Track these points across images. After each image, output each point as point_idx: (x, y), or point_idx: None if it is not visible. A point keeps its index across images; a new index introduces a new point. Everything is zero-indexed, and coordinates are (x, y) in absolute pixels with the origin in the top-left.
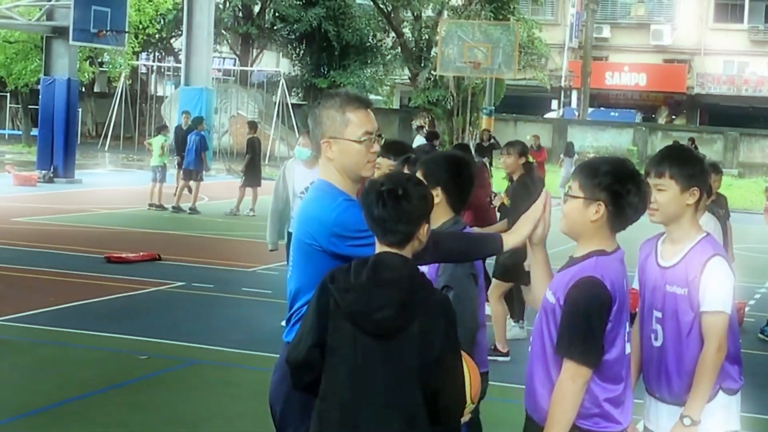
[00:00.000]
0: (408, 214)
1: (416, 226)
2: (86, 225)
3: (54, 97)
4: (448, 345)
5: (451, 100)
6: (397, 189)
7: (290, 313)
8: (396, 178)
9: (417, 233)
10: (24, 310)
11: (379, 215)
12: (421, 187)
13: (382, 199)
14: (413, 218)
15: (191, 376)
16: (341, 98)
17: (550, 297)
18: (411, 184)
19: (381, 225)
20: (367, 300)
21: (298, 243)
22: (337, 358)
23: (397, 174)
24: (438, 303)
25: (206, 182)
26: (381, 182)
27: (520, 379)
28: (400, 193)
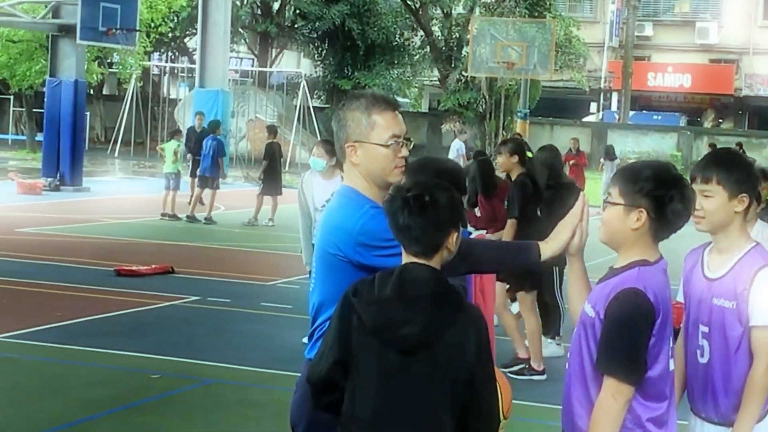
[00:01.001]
0: (435, 222)
1: (444, 234)
2: (95, 236)
3: (60, 100)
4: (480, 361)
5: (483, 103)
6: (423, 195)
7: (313, 328)
8: (422, 184)
9: (445, 242)
10: (28, 327)
11: (405, 223)
12: (449, 192)
13: (408, 207)
14: (441, 226)
15: (207, 396)
16: (367, 99)
17: (589, 310)
18: (438, 189)
19: (407, 234)
20: (392, 314)
21: (322, 254)
22: (360, 376)
23: (423, 179)
24: (469, 317)
25: (222, 190)
26: (407, 188)
27: (557, 398)
28: (426, 199)
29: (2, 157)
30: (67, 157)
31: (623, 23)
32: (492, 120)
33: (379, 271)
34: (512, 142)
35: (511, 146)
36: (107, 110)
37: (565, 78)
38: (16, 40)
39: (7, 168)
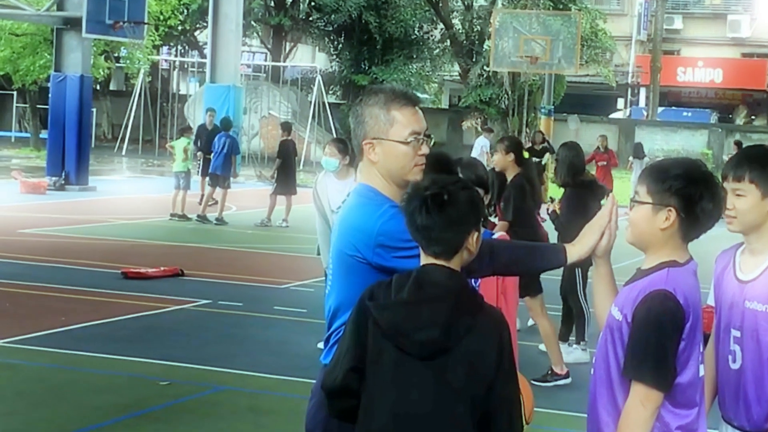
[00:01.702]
0: (455, 221)
1: (464, 234)
2: (101, 237)
3: (65, 96)
4: (502, 366)
5: (505, 99)
6: (442, 194)
7: (329, 332)
8: (441, 182)
9: (466, 242)
10: (31, 331)
11: (423, 223)
12: (469, 190)
13: (426, 206)
14: (461, 226)
15: (218, 403)
16: (386, 95)
17: (615, 313)
18: (458, 187)
19: (425, 234)
20: (409, 318)
21: (339, 255)
22: (377, 383)
23: (442, 177)
24: (490, 320)
25: (234, 190)
26: (424, 186)
27: (582, 406)
28: (445, 198)
29: (5, 155)
30: (72, 156)
31: (652, 16)
32: (515, 117)
33: (396, 274)
34: (508, 140)
35: (507, 144)
36: (114, 106)
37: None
38: (19, 33)
39: (10, 166)
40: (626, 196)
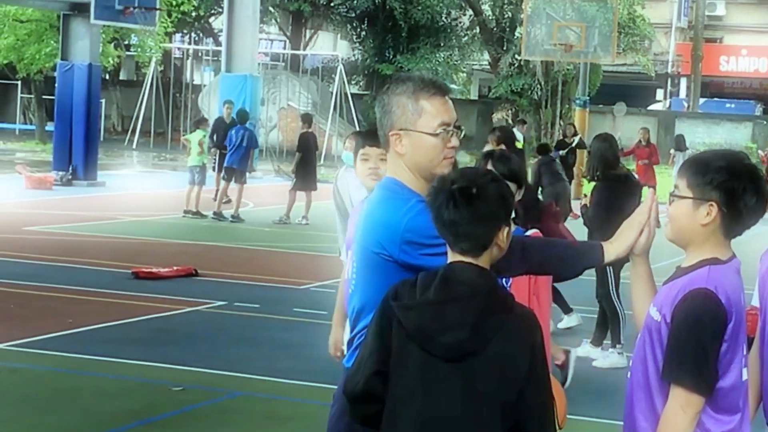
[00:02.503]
0: (484, 215)
1: (494, 229)
2: (110, 235)
3: (72, 86)
4: (534, 370)
5: (538, 90)
6: (470, 187)
7: (352, 334)
8: (469, 175)
9: (495, 238)
10: (37, 334)
11: (450, 218)
12: (499, 184)
13: (454, 200)
14: (490, 221)
15: (233, 410)
16: (414, 83)
17: (654, 314)
18: (487, 180)
19: (453, 229)
20: (436, 319)
21: (363, 252)
22: (402, 387)
23: (470, 169)
24: (521, 321)
25: (251, 185)
26: (451, 179)
27: (618, 413)
28: (474, 191)
29: (9, 148)
30: (80, 149)
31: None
32: (548, 108)
33: (421, 272)
34: (500, 131)
35: (498, 135)
36: (124, 97)
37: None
38: (23, 19)
39: (15, 161)
40: (668, 192)
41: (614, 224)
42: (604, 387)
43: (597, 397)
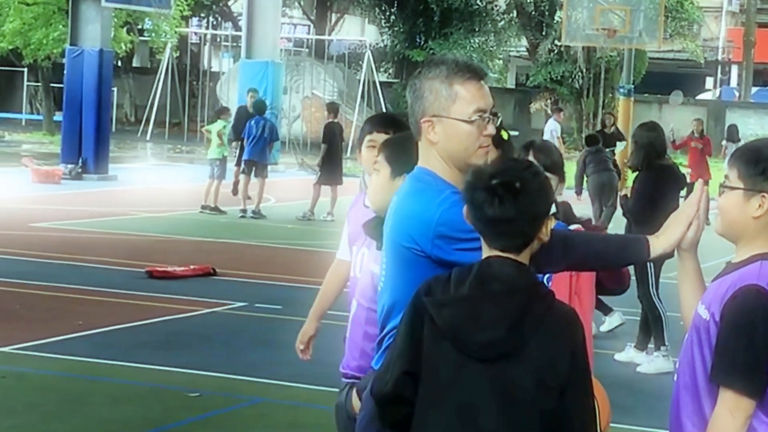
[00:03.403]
0: (529, 211)
1: (539, 226)
2: (123, 232)
3: (82, 73)
4: (575, 371)
5: (579, 78)
6: (513, 182)
7: (381, 335)
8: (510, 168)
9: (539, 234)
10: (45, 337)
11: (496, 215)
12: (540, 176)
13: (498, 196)
14: (537, 217)
15: (254, 417)
16: (448, 67)
17: (702, 312)
18: (530, 173)
19: (496, 227)
20: (471, 316)
21: (394, 247)
22: (433, 389)
23: (508, 162)
24: (561, 319)
25: (273, 179)
26: (490, 173)
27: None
28: (517, 186)
29: (15, 140)
30: (90, 140)
31: None
32: (590, 97)
33: (456, 267)
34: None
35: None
36: (138, 85)
37: (676, 48)
38: (30, 2)
39: (21, 153)
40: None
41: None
42: (650, 393)
43: (642, 404)
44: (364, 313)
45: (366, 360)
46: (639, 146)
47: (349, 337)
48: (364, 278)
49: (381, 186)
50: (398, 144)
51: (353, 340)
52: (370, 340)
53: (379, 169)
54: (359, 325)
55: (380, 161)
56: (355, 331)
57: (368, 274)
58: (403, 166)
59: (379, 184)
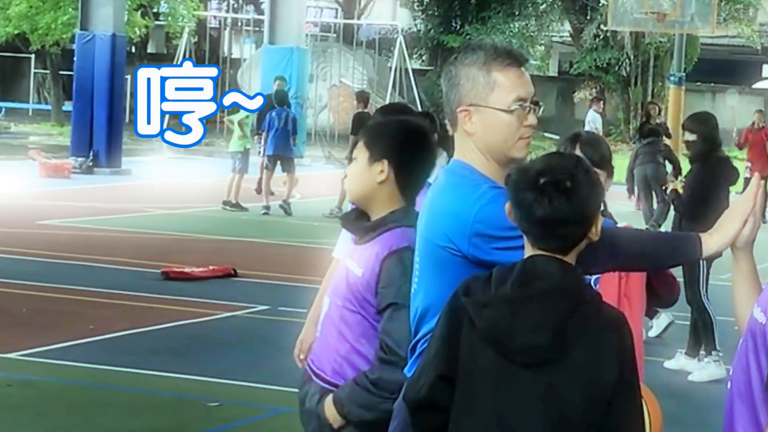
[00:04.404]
0: (581, 212)
1: (589, 226)
2: (137, 230)
3: (94, 60)
4: (622, 378)
5: (626, 65)
6: (563, 180)
7: (414, 340)
8: (558, 165)
9: (589, 233)
10: (54, 342)
11: (544, 216)
12: (591, 173)
13: (547, 195)
14: (588, 216)
15: (277, 428)
16: (486, 53)
17: (758, 315)
18: (580, 170)
19: (544, 228)
20: (513, 318)
21: (427, 246)
22: (470, 395)
23: (556, 158)
24: (609, 324)
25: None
26: (537, 170)
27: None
28: (568, 185)
29: (21, 131)
30: (102, 132)
31: None
32: (638, 86)
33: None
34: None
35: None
36: None
37: (731, 33)
38: None
39: (28, 145)
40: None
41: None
42: (701, 402)
43: (694, 414)
44: (338, 312)
45: (343, 366)
46: (702, 136)
47: (320, 336)
48: (339, 274)
49: (358, 173)
50: (378, 128)
51: (326, 340)
52: (344, 341)
53: (357, 155)
54: (332, 324)
55: (359, 147)
56: (328, 331)
57: (343, 269)
58: (382, 152)
59: (356, 171)
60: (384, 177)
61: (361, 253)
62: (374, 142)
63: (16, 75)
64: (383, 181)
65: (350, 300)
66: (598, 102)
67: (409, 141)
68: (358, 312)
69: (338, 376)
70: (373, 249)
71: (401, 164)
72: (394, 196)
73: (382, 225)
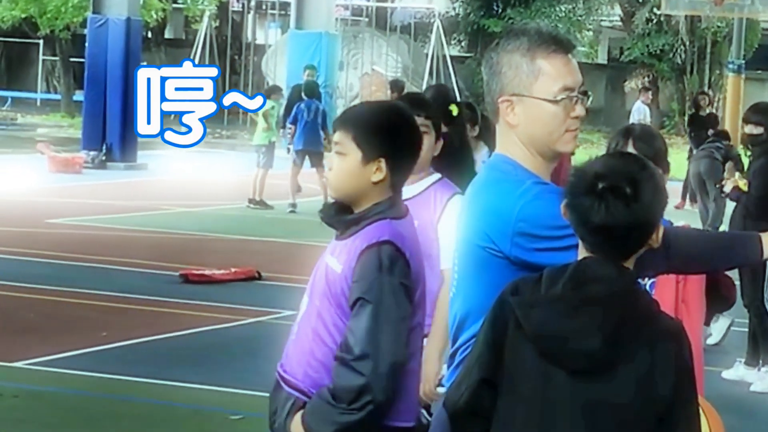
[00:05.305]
0: (642, 219)
1: (651, 233)
2: (153, 229)
3: (107, 46)
4: (679, 391)
5: (681, 52)
6: (623, 186)
7: (453, 348)
8: (620, 169)
9: (649, 241)
10: (63, 350)
11: (601, 224)
12: (656, 178)
13: (605, 202)
14: (650, 225)
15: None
16: (530, 38)
17: None
18: (644, 175)
19: (600, 235)
20: (564, 320)
21: (467, 247)
22: (514, 402)
23: (617, 160)
24: (666, 334)
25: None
26: (596, 173)
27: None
28: (628, 191)
29: (29, 122)
30: (115, 124)
31: None
32: (693, 74)
33: (547, 268)
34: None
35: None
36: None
37: None
38: None
39: (36, 138)
40: None
41: None
42: (763, 415)
43: (755, 428)
44: (315, 312)
45: (321, 371)
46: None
47: (295, 338)
48: (319, 272)
49: (349, 172)
50: (369, 122)
51: (301, 342)
52: (322, 344)
53: (346, 152)
54: (309, 325)
55: (345, 141)
56: (304, 333)
57: (323, 266)
58: (379, 150)
59: (345, 169)
60: (382, 176)
61: (342, 248)
62: (368, 139)
63: (23, 62)
64: (380, 180)
65: (329, 299)
66: (646, 92)
67: (404, 134)
68: (336, 313)
69: (310, 380)
70: (354, 243)
71: (399, 160)
72: (385, 189)
73: (365, 218)
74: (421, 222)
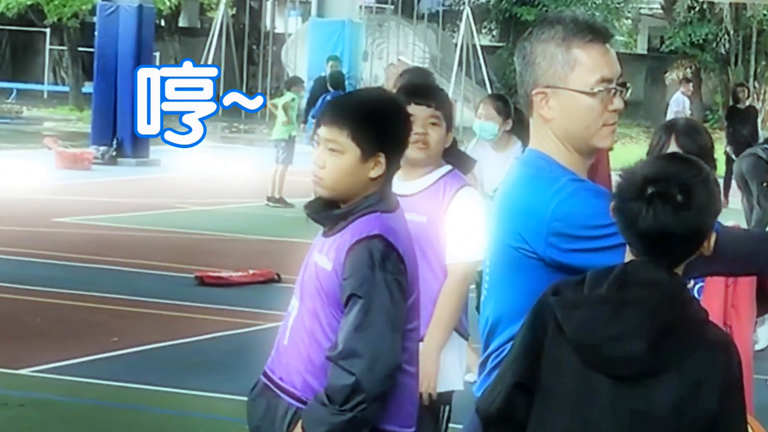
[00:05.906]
0: (694, 227)
1: (702, 241)
2: (167, 229)
3: (117, 36)
4: (725, 404)
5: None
6: (674, 193)
7: (485, 355)
8: (672, 173)
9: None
10: (73, 357)
11: (649, 230)
12: (710, 184)
13: (653, 208)
14: (701, 233)
15: None
16: (565, 27)
17: None
18: (698, 182)
19: (648, 242)
20: (607, 322)
21: (500, 248)
22: (551, 408)
23: (670, 163)
24: (713, 344)
25: None
26: (646, 177)
27: None
28: (679, 199)
29: (35, 116)
30: (126, 117)
31: None
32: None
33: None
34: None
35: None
36: (185, 50)
37: None
38: None
39: (43, 132)
40: None
41: None
42: None
43: None
44: (309, 315)
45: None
46: None
47: (288, 345)
48: (308, 271)
49: (347, 170)
50: (365, 117)
51: (296, 348)
52: (317, 348)
53: (341, 150)
54: (304, 329)
55: (340, 140)
56: (298, 338)
57: (312, 266)
58: (377, 145)
59: (344, 168)
60: (381, 171)
61: (330, 245)
62: (366, 135)
63: (29, 52)
64: (379, 175)
65: (323, 299)
66: (686, 83)
67: (401, 125)
68: (332, 313)
69: (311, 389)
70: (343, 238)
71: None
72: (380, 183)
73: (354, 212)
74: (430, 215)
